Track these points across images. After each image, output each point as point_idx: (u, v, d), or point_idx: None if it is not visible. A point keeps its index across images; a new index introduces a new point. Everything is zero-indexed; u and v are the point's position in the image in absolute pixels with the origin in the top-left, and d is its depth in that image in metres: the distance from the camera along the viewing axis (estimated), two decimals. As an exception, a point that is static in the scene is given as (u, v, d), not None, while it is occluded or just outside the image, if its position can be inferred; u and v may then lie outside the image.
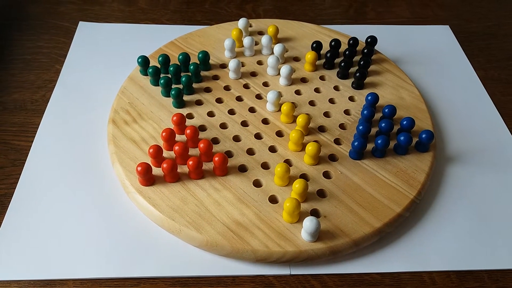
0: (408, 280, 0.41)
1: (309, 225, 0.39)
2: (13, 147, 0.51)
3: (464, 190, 0.48)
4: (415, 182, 0.46)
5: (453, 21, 0.74)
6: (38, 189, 0.46)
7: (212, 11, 0.73)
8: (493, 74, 0.64)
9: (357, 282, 0.41)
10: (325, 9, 0.76)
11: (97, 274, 0.40)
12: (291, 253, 0.40)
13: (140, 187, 0.44)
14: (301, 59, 0.61)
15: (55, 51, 0.64)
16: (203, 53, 0.56)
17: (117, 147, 0.48)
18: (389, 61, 0.62)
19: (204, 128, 0.51)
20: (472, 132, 0.55)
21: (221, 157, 0.44)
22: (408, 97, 0.56)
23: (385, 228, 0.43)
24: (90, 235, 0.43)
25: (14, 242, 0.42)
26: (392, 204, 0.44)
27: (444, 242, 0.44)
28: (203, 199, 0.44)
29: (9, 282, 0.40)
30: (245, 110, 0.53)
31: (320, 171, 0.47)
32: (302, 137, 0.47)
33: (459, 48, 0.68)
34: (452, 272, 0.42)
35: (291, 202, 0.40)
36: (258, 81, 0.57)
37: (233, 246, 0.40)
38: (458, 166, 0.51)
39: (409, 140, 0.47)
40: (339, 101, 0.55)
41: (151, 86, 0.55)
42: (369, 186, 0.46)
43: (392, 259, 0.42)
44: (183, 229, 0.41)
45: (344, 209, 0.43)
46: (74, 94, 0.57)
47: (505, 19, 0.75)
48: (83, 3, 0.73)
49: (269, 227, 0.42)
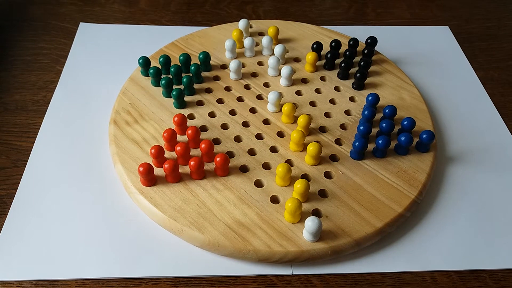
0: (409, 280, 0.41)
1: (311, 225, 0.39)
2: (15, 147, 0.51)
3: (465, 190, 0.49)
4: (416, 182, 0.46)
5: (452, 22, 0.74)
6: (40, 190, 0.46)
7: (213, 12, 0.74)
8: (493, 75, 0.64)
9: (358, 282, 0.41)
10: (325, 10, 0.76)
11: (100, 274, 0.40)
12: (293, 253, 0.40)
13: (142, 188, 0.44)
14: (302, 60, 0.61)
15: (56, 52, 0.64)
16: (204, 54, 0.57)
17: (118, 147, 0.48)
18: (389, 61, 0.62)
19: (205, 129, 0.51)
20: (472, 132, 0.55)
21: (222, 157, 0.44)
22: (409, 98, 0.56)
23: (386, 228, 0.43)
24: (92, 236, 0.43)
25: (16, 243, 0.42)
26: (393, 204, 0.44)
27: (445, 242, 0.44)
28: (205, 200, 0.44)
29: (11, 283, 0.40)
30: (246, 110, 0.53)
31: (321, 171, 0.47)
32: (303, 138, 0.47)
33: (458, 48, 0.68)
34: (453, 272, 0.42)
35: (293, 202, 0.41)
36: (258, 81, 0.57)
37: (235, 246, 0.40)
38: (459, 166, 0.51)
39: (409, 140, 0.47)
40: (340, 101, 0.55)
41: (152, 86, 0.56)
42: (370, 186, 0.46)
43: (393, 259, 0.42)
44: (185, 229, 0.41)
45: (345, 209, 0.44)
46: (75, 95, 0.57)
47: (505, 20, 0.76)
48: (84, 4, 0.73)
49: (271, 227, 0.42)
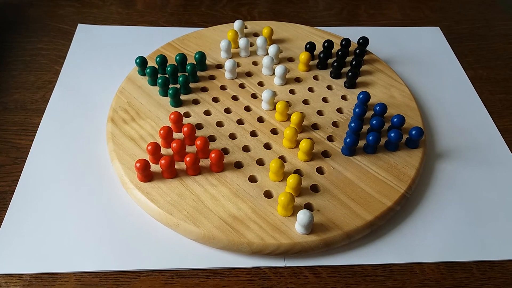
0: (399, 271, 0.43)
1: (303, 217, 0.40)
2: (14, 145, 0.52)
3: (453, 184, 0.50)
4: (405, 177, 0.48)
5: (443, 23, 0.75)
6: (38, 186, 0.47)
7: (208, 14, 0.75)
8: (482, 74, 0.66)
9: (349, 273, 0.42)
10: (318, 11, 0.77)
11: (97, 267, 0.41)
12: (286, 245, 0.41)
13: (138, 183, 0.45)
14: (295, 60, 0.62)
15: (55, 53, 0.65)
16: (200, 54, 0.58)
17: (116, 144, 0.49)
18: (380, 61, 0.63)
19: (201, 126, 0.52)
20: (461, 129, 0.56)
21: (217, 153, 0.45)
22: (399, 96, 0.58)
23: (376, 221, 0.44)
24: (90, 230, 0.44)
25: (15, 237, 0.43)
26: (383, 198, 0.45)
27: (433, 234, 0.45)
28: (200, 194, 0.45)
29: (11, 276, 0.41)
30: (241, 108, 0.55)
31: (313, 167, 0.48)
32: (296, 134, 0.49)
33: (449, 48, 0.69)
34: (441, 264, 0.43)
35: (286, 196, 0.42)
36: (253, 80, 0.59)
37: (229, 239, 0.41)
38: (447, 162, 0.52)
39: (399, 136, 0.48)
40: (332, 99, 0.57)
41: (149, 86, 0.57)
42: (361, 181, 0.47)
43: (383, 251, 0.44)
44: (181, 223, 0.43)
45: (336, 203, 0.45)
46: (73, 94, 0.58)
47: (494, 20, 0.77)
48: (82, 6, 0.74)
49: (264, 220, 0.43)
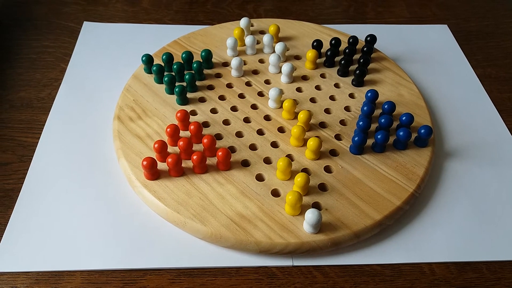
0: (408, 271, 0.42)
1: (311, 216, 0.40)
2: (21, 143, 0.52)
3: (462, 184, 0.49)
4: (414, 176, 0.47)
5: (451, 21, 0.75)
6: (45, 184, 0.47)
7: (214, 11, 0.75)
8: (491, 72, 0.65)
9: (358, 273, 0.42)
10: (325, 9, 0.77)
11: (104, 266, 0.41)
12: (294, 245, 0.41)
13: (145, 181, 0.45)
14: (302, 58, 0.62)
15: (60, 51, 0.65)
16: (206, 52, 0.57)
17: (122, 142, 0.49)
18: (388, 59, 0.63)
19: (208, 125, 0.52)
20: (470, 128, 0.56)
21: (224, 152, 0.45)
22: (407, 94, 0.57)
23: (385, 220, 0.44)
24: (97, 228, 0.44)
25: (22, 235, 0.43)
26: (392, 197, 0.45)
27: (443, 234, 0.45)
28: (207, 193, 0.45)
29: (18, 274, 0.41)
30: (248, 107, 0.54)
31: (321, 165, 0.48)
32: (303, 133, 0.48)
33: (457, 46, 0.69)
34: (451, 264, 0.43)
35: (293, 195, 0.41)
36: (260, 78, 0.58)
37: (237, 238, 0.41)
38: (457, 161, 0.52)
39: (408, 135, 0.48)
40: (340, 98, 0.56)
41: (155, 84, 0.57)
42: (369, 180, 0.47)
43: (392, 251, 0.43)
44: (188, 221, 0.42)
45: (345, 202, 0.44)
46: (79, 92, 0.58)
47: (503, 18, 0.76)
48: (87, 4, 0.74)
49: (272, 219, 0.43)
